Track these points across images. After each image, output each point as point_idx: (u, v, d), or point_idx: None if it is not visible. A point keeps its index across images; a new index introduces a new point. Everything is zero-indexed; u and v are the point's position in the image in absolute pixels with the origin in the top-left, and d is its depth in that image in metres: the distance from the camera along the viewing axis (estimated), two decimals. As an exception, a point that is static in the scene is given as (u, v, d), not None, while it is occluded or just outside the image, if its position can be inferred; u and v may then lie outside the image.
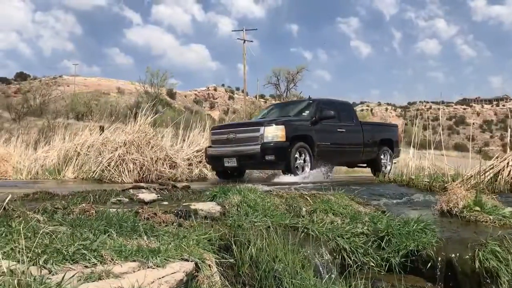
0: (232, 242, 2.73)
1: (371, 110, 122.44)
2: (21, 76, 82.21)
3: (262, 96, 72.56)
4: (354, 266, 3.26)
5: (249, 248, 2.68)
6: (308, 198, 4.24)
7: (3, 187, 6.61)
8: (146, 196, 4.34)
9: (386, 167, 11.14)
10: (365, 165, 11.55)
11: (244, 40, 41.87)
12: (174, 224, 2.87)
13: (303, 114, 10.09)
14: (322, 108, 9.89)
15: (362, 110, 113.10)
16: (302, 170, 8.75)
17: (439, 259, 3.33)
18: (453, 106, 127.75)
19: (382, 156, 11.11)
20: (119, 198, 4.33)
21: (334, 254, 3.26)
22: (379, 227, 3.68)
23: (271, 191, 4.69)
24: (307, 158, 8.85)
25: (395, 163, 11.84)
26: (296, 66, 53.32)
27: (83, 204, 3.10)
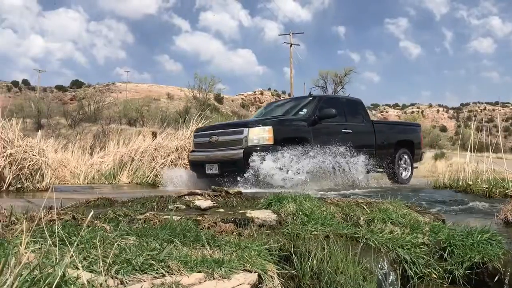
0: (292, 253, 2.72)
1: (422, 112, 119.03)
2: (77, 84, 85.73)
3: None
4: (416, 278, 3.17)
5: (310, 259, 2.66)
6: (364, 206, 4.17)
7: (65, 192, 6.90)
8: (202, 203, 4.40)
9: (404, 172, 10.00)
10: (381, 170, 10.11)
11: (291, 44, 41.92)
12: (234, 233, 2.90)
13: (300, 113, 8.97)
14: (322, 106, 8.80)
15: (412, 112, 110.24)
16: None
17: (508, 272, 3.18)
18: (510, 107, 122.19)
19: (400, 160, 9.90)
20: (176, 205, 4.42)
21: (395, 265, 3.18)
22: (440, 237, 3.56)
23: (325, 199, 4.65)
24: None
25: (416, 167, 10.68)
26: (344, 68, 52.78)
27: (147, 213, 3.17)
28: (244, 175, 7.28)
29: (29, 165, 8.40)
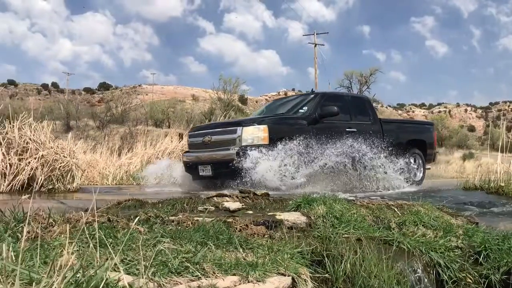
0: (325, 256, 2.71)
1: (449, 111, 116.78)
2: (104, 86, 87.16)
3: (334, 100, 71.64)
4: (450, 282, 3.12)
5: (343, 263, 2.65)
6: (395, 209, 4.12)
7: (97, 193, 6.99)
8: (231, 204, 4.42)
9: (416, 174, 9.26)
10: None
11: (315, 44, 41.72)
12: (266, 236, 2.90)
13: (300, 111, 8.43)
14: (325, 103, 8.26)
15: (439, 111, 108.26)
16: None
17: (547, 278, 3.09)
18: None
19: (410, 161, 9.16)
20: (206, 207, 4.45)
21: (428, 269, 3.13)
22: (475, 241, 3.49)
23: (354, 201, 4.61)
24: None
25: (428, 168, 9.94)
26: (369, 68, 52.19)
27: (180, 216, 3.20)
28: (238, 177, 6.81)
29: (60, 166, 8.58)
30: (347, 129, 8.22)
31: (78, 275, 1.46)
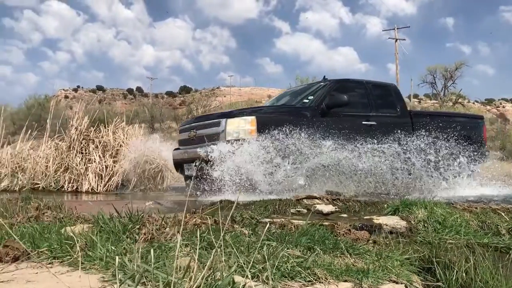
0: (435, 263, 2.59)
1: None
2: (185, 90, 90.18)
3: (416, 96, 69.03)
4: None
5: (455, 271, 2.51)
6: (502, 213, 3.86)
7: (184, 193, 7.22)
8: (324, 207, 4.38)
9: (459, 175, 7.69)
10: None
11: (396, 39, 40.40)
12: (369, 241, 2.83)
13: (305, 101, 7.37)
14: (335, 92, 7.08)
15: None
16: None
17: None
18: None
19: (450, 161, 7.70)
20: (298, 209, 4.45)
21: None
22: None
23: (454, 205, 4.39)
24: None
25: (477, 171, 8.10)
26: (455, 62, 49.42)
27: (282, 219, 3.22)
28: (222, 177, 5.94)
29: (150, 168, 9.00)
30: (363, 122, 7.16)
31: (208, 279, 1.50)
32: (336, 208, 4.43)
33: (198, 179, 6.25)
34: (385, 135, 6.93)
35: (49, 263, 1.93)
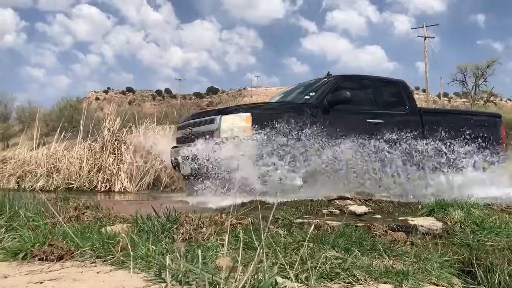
0: (475, 266, 2.53)
1: None
2: (212, 90, 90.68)
3: (445, 95, 67.63)
4: None
5: (497, 274, 2.45)
6: (543, 215, 3.75)
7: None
8: (357, 208, 4.34)
9: (473, 175, 6.93)
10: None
11: (425, 37, 39.66)
12: (407, 243, 2.79)
13: (306, 97, 7.01)
14: (339, 88, 6.74)
15: None
16: None
17: None
18: None
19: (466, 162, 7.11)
20: (330, 210, 4.42)
21: None
22: None
23: (491, 206, 4.29)
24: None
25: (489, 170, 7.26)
26: (486, 60, 48.09)
27: (317, 220, 3.21)
28: (215, 177, 5.78)
29: (180, 168, 9.09)
30: (368, 120, 6.77)
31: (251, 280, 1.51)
32: (369, 209, 4.39)
33: (193, 178, 6.19)
34: (392, 134, 6.61)
35: (92, 262, 1.98)
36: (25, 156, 9.40)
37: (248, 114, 6.04)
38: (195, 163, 5.97)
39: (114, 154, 9.11)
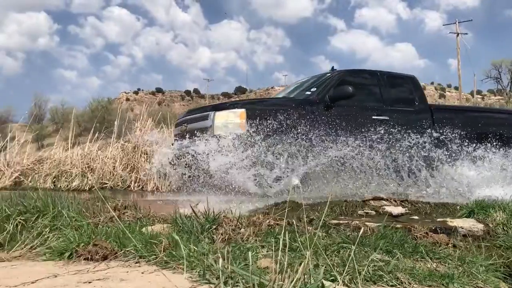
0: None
1: None
2: (240, 90, 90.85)
3: (479, 92, 66.02)
4: None
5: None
6: None
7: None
8: (394, 209, 4.27)
9: (490, 176, 6.17)
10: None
11: (458, 33, 38.82)
12: (449, 245, 2.73)
13: (307, 93, 6.68)
14: (342, 83, 6.40)
15: None
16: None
17: None
18: None
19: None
20: (366, 211, 4.37)
21: None
22: None
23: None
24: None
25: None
26: (522, 56, 46.71)
27: (356, 222, 3.18)
28: (208, 176, 5.56)
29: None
30: (373, 117, 6.41)
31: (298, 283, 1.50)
32: (406, 209, 4.32)
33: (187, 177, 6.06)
34: (398, 131, 6.27)
35: (136, 262, 2.01)
36: (60, 156, 9.61)
37: (243, 110, 5.81)
38: (189, 161, 5.80)
39: (146, 154, 9.23)
